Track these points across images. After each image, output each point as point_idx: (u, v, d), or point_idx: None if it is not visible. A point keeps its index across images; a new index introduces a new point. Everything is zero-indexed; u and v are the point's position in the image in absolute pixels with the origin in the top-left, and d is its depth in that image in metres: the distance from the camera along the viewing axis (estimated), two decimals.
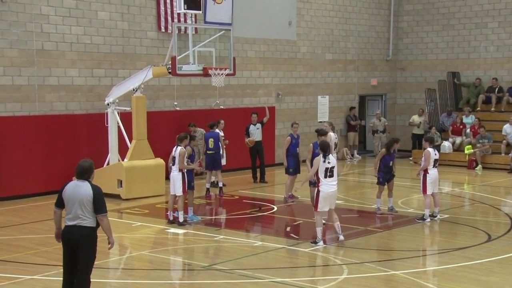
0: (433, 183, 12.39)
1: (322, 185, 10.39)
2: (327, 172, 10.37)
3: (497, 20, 22.55)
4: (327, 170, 10.38)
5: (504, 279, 8.96)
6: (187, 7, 14.39)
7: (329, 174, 10.41)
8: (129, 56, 17.09)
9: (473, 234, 11.69)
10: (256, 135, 16.93)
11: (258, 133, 16.96)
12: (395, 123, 24.71)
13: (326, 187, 10.39)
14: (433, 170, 12.38)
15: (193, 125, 17.02)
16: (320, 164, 10.36)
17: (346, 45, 22.97)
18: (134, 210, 13.66)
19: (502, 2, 22.46)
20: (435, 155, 12.38)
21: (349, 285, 8.58)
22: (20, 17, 15.05)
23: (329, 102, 22.53)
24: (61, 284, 7.26)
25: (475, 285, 8.63)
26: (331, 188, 10.43)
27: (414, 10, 24.31)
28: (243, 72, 19.57)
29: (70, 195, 7.00)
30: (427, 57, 24.11)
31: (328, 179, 10.39)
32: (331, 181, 10.45)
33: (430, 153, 12.29)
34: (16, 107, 15.14)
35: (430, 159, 12.26)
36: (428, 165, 12.30)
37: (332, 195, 10.49)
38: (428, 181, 12.32)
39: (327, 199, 10.42)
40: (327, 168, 10.37)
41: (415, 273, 9.17)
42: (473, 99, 22.48)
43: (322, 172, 10.36)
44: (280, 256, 10.11)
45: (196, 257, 9.95)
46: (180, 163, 11.97)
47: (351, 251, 10.37)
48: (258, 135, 16.96)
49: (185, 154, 12.07)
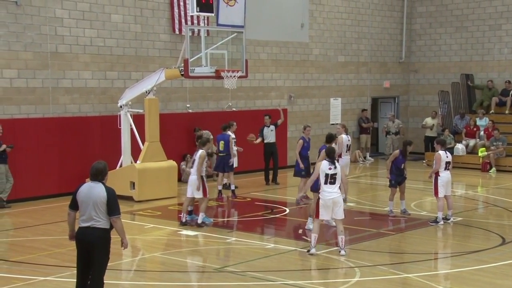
0: (445, 186, 12.32)
1: (321, 192, 10.04)
2: (327, 178, 10.00)
3: (511, 22, 22.39)
4: (327, 177, 9.98)
5: None
6: (200, 10, 14.41)
7: (330, 181, 9.95)
8: (142, 59, 17.16)
9: (486, 237, 11.61)
10: (270, 137, 16.98)
11: (272, 135, 17.02)
12: (408, 125, 24.61)
13: (325, 194, 9.97)
14: (445, 172, 12.31)
15: (198, 130, 17.02)
16: (322, 170, 10.04)
17: (358, 47, 22.92)
18: (146, 212, 13.71)
19: None
20: (446, 157, 12.31)
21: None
22: (34, 20, 15.17)
23: (342, 104, 22.49)
24: (74, 285, 7.31)
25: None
26: (329, 196, 9.95)
27: (427, 12, 24.21)
28: (256, 74, 19.59)
29: (84, 196, 7.05)
30: (440, 59, 24.00)
31: (329, 185, 9.96)
32: (332, 188, 9.97)
33: (441, 156, 12.25)
34: (31, 109, 15.26)
35: (440, 162, 12.21)
36: (439, 168, 12.25)
37: (332, 203, 9.98)
38: (439, 184, 12.27)
39: (328, 207, 9.98)
40: (327, 174, 9.98)
41: (428, 276, 9.12)
42: (487, 101, 22.34)
43: (323, 178, 10.00)
44: (292, 258, 10.10)
45: (208, 259, 9.97)
46: (198, 165, 11.92)
47: (363, 253, 10.34)
48: (272, 137, 17.01)
49: (204, 158, 12.08)
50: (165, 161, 15.33)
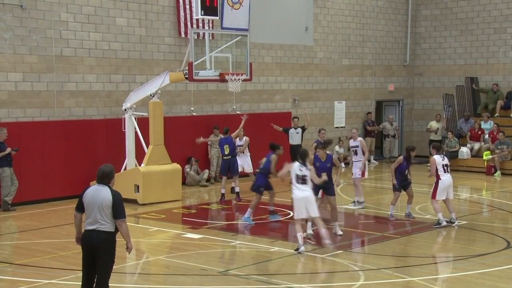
0: (445, 190, 12.40)
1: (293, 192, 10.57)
2: (298, 179, 10.47)
3: None
4: (297, 178, 10.46)
5: None
6: (204, 13, 14.47)
7: (302, 182, 10.45)
8: (146, 62, 17.22)
9: (491, 240, 11.60)
10: (296, 139, 17.74)
11: (297, 137, 17.81)
12: (412, 129, 24.60)
13: (297, 192, 10.48)
14: (445, 175, 12.39)
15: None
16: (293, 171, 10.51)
17: (363, 50, 22.93)
18: (150, 215, 13.74)
19: None
20: (442, 160, 12.47)
21: None
22: (39, 24, 15.25)
23: (346, 107, 22.51)
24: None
25: None
26: (301, 194, 10.43)
27: (432, 15, 24.21)
28: (260, 77, 19.63)
29: (90, 199, 7.08)
30: (445, 62, 23.99)
31: (300, 185, 10.44)
32: (303, 187, 10.44)
33: (435, 160, 12.42)
34: (36, 113, 15.33)
35: (436, 166, 12.36)
36: (435, 171, 12.40)
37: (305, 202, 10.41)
38: (439, 187, 12.36)
39: (300, 206, 10.41)
40: (297, 175, 10.46)
41: (433, 279, 9.12)
42: (492, 104, 22.32)
43: (294, 179, 10.53)
44: (297, 261, 10.11)
45: (212, 262, 9.99)
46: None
47: (368, 257, 10.35)
48: (297, 139, 17.75)
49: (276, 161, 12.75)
50: (170, 164, 15.36)
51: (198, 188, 17.36)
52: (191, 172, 17.50)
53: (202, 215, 14.07)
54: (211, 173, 17.90)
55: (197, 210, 14.63)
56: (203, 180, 17.63)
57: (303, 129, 17.87)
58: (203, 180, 17.62)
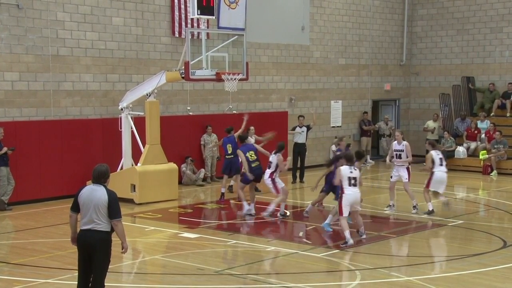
0: (439, 182, 12.96)
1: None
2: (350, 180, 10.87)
3: None
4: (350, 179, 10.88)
5: None
6: (201, 13, 14.44)
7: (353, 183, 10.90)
8: (143, 62, 17.20)
9: (488, 240, 11.62)
10: (301, 137, 18.02)
11: (302, 136, 18.04)
12: (409, 128, 24.62)
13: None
14: (440, 168, 12.92)
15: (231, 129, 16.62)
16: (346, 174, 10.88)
17: (359, 50, 22.94)
18: (147, 214, 13.72)
19: None
20: (437, 155, 13.02)
21: None
22: (36, 23, 15.21)
23: (342, 107, 22.51)
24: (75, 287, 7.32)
25: None
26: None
27: (428, 15, 24.23)
28: (256, 77, 19.62)
29: (86, 199, 7.06)
30: (441, 62, 24.01)
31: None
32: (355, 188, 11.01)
33: (431, 155, 12.96)
34: (32, 112, 15.29)
35: (430, 161, 12.87)
36: (430, 166, 12.91)
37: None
38: (434, 178, 12.95)
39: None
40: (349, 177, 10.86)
41: (429, 279, 9.12)
42: (488, 104, 22.35)
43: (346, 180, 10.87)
44: (293, 261, 10.11)
45: (209, 262, 9.98)
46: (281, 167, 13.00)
47: (364, 256, 10.35)
48: (302, 138, 18.04)
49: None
50: (166, 164, 15.34)
51: (195, 187, 17.35)
52: (187, 171, 17.49)
53: (198, 215, 14.06)
54: (207, 173, 17.89)
55: (193, 210, 14.61)
56: (200, 179, 17.62)
57: (308, 128, 18.07)
58: (199, 180, 17.61)
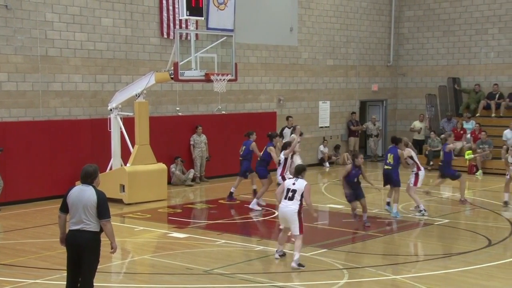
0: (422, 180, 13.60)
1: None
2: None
3: (498, 26, 22.58)
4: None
5: (504, 283, 8.97)
6: (190, 14, 14.42)
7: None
8: (132, 62, 17.15)
9: (473, 239, 11.70)
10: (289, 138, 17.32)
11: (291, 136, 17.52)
12: (396, 129, 24.72)
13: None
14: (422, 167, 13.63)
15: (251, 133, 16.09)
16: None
17: (347, 51, 23.01)
18: (136, 214, 13.69)
19: (502, 8, 22.50)
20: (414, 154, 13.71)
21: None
22: (25, 24, 15.13)
23: (330, 107, 22.57)
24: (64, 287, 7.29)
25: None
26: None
27: (415, 16, 24.35)
28: (245, 77, 19.62)
29: (75, 199, 7.04)
30: (428, 63, 24.14)
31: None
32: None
33: (410, 152, 13.37)
34: (21, 113, 15.21)
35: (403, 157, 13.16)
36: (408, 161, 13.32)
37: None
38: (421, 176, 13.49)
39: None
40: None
41: (415, 277, 9.17)
42: (473, 104, 22.50)
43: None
44: (281, 260, 10.11)
45: (197, 261, 9.97)
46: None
47: (351, 255, 10.39)
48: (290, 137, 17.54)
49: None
50: (155, 164, 15.31)
51: (184, 187, 17.32)
52: (176, 171, 17.46)
53: (187, 215, 14.04)
54: (196, 173, 17.87)
55: (182, 210, 14.60)
56: (189, 179, 17.60)
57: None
58: (188, 180, 17.59)
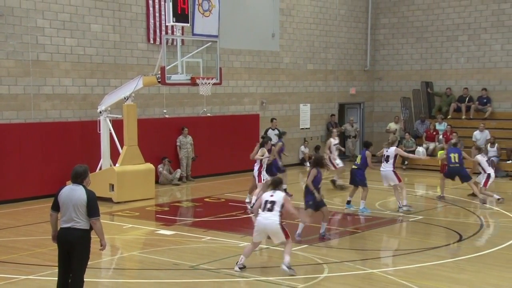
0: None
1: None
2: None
3: (467, 33, 22.81)
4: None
5: (474, 276, 9.06)
6: (176, 20, 14.40)
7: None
8: (120, 67, 17.06)
9: (445, 234, 11.80)
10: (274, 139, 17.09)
11: (275, 137, 17.14)
12: (373, 130, 24.87)
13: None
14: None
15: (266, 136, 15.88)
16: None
17: (326, 56, 23.10)
18: (125, 212, 13.62)
19: (471, 16, 22.73)
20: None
21: (330, 283, 8.64)
22: (16, 30, 14.98)
23: (311, 110, 22.64)
24: (55, 284, 7.24)
25: (448, 282, 8.72)
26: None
27: (390, 24, 24.52)
28: (229, 81, 19.62)
29: (65, 198, 6.99)
30: (402, 68, 24.31)
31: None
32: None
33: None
34: (13, 115, 15.05)
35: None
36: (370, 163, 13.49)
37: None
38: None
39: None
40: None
41: (391, 271, 9.24)
42: (445, 107, 22.71)
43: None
44: (265, 256, 10.14)
45: (184, 257, 9.95)
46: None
47: (332, 250, 10.43)
48: (275, 139, 17.07)
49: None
50: (143, 164, 15.24)
51: (171, 187, 17.26)
52: (164, 171, 17.40)
53: (174, 213, 14.00)
54: (182, 172, 17.82)
55: (169, 208, 14.55)
56: (176, 179, 17.55)
57: (280, 134, 16.46)
58: (175, 179, 17.53)
